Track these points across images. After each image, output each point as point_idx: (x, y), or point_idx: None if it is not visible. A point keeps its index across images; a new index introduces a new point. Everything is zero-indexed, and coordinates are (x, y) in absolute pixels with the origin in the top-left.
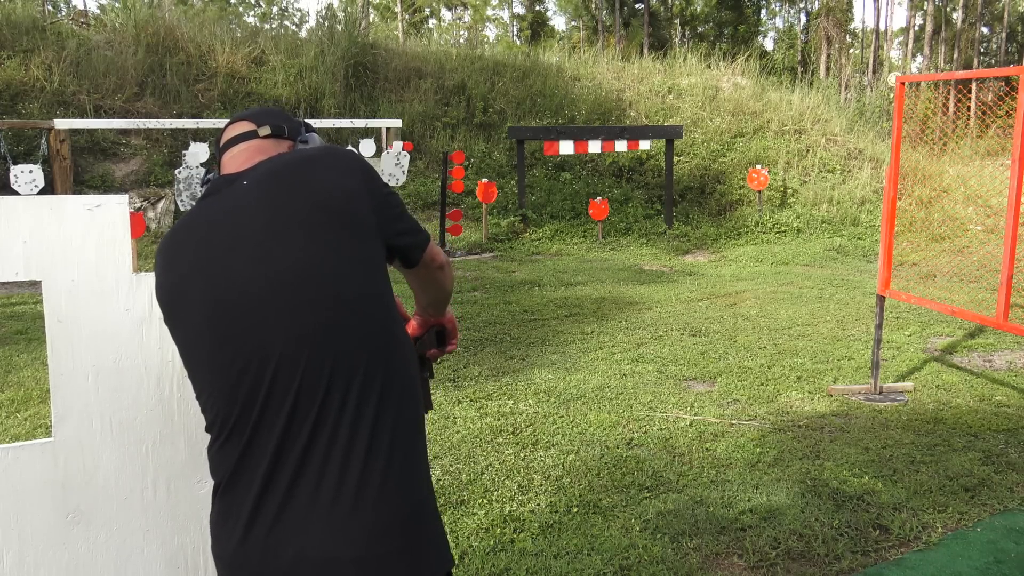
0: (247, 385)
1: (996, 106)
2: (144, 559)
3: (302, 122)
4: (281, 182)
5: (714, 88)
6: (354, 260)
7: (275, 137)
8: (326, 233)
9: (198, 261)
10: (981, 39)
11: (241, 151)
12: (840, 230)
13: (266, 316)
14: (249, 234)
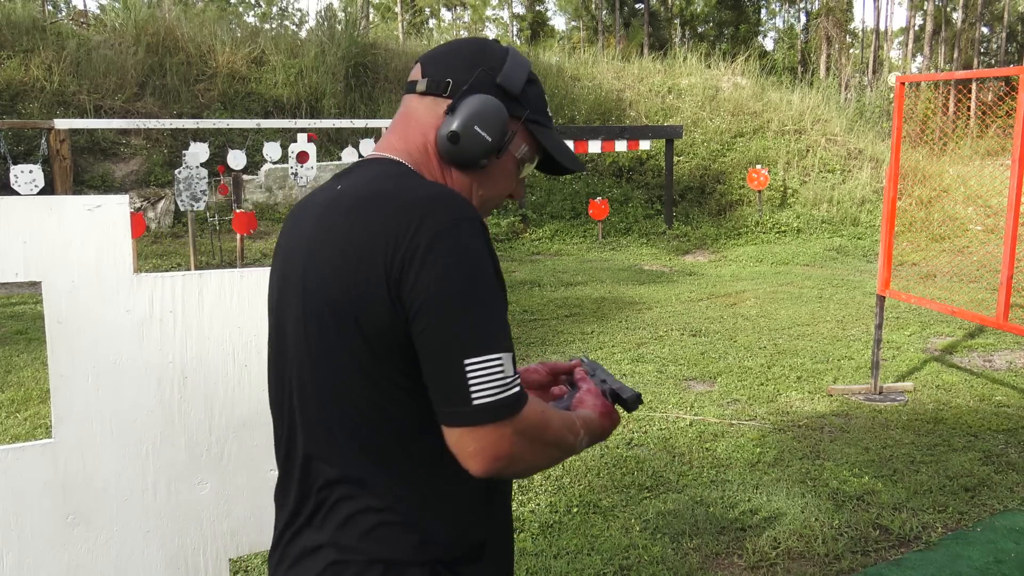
0: (285, 395)
1: (996, 106)
2: (144, 560)
3: (481, 69)
4: (347, 220)
5: (714, 88)
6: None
7: (432, 95)
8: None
9: (282, 240)
10: (981, 39)
11: (397, 115)
12: (840, 230)
13: (296, 340)
14: (306, 253)
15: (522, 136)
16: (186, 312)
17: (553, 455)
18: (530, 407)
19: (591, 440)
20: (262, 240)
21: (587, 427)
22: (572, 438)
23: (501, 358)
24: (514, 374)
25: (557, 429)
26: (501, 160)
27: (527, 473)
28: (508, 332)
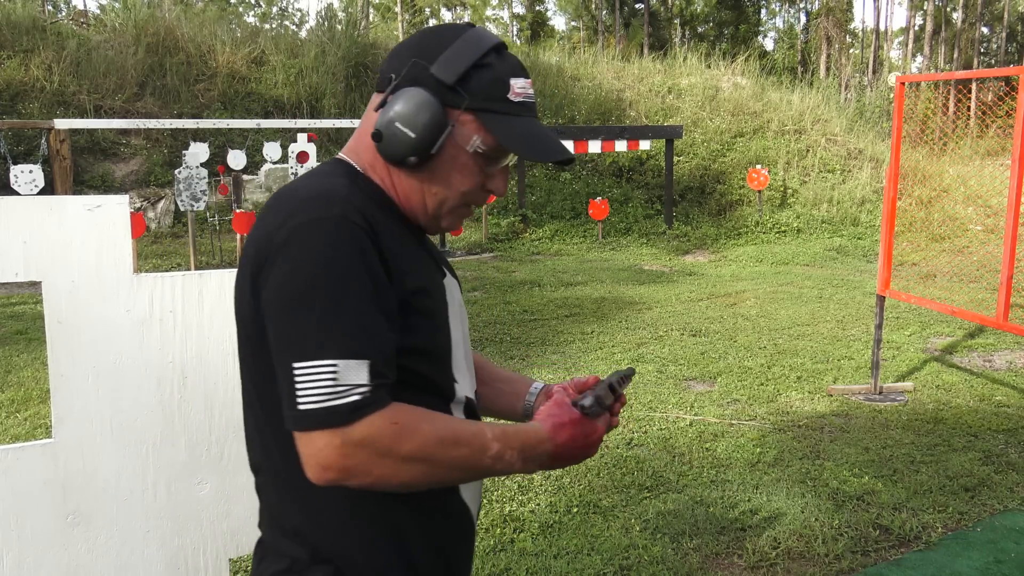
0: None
1: (996, 106)
2: (144, 560)
3: (414, 60)
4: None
5: (714, 88)
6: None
7: (379, 92)
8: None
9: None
10: (981, 39)
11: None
12: (840, 230)
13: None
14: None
15: (474, 127)
16: (186, 312)
17: (422, 471)
18: (379, 417)
19: (531, 459)
20: None
21: (519, 444)
22: (467, 454)
23: (336, 365)
24: (357, 384)
25: (426, 444)
26: (447, 155)
27: (387, 488)
28: (362, 338)
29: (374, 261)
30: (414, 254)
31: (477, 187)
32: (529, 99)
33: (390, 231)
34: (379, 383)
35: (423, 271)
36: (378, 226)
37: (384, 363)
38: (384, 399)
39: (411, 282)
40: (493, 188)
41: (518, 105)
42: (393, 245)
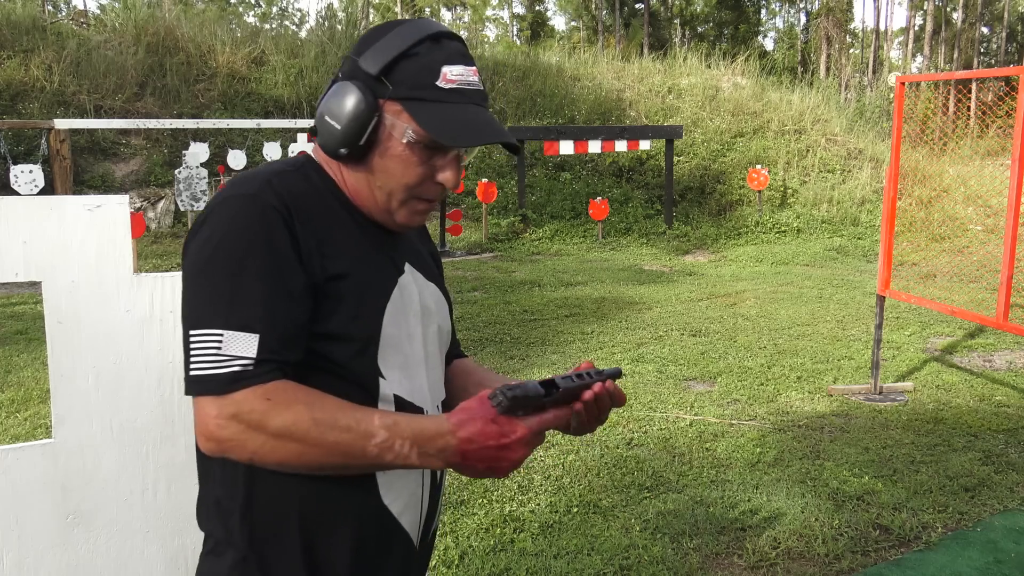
0: None
1: (996, 106)
2: (144, 560)
3: (349, 56)
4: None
5: (714, 88)
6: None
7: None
8: None
9: None
10: (981, 39)
11: None
12: (840, 230)
13: None
14: None
15: (404, 116)
16: None
17: (295, 451)
18: (253, 391)
19: (430, 453)
20: None
21: (412, 434)
22: (348, 439)
23: (221, 335)
24: (241, 355)
25: (298, 422)
26: (383, 146)
27: (266, 465)
28: (254, 312)
29: (282, 240)
30: (347, 243)
31: (422, 179)
32: (467, 86)
33: (324, 219)
34: (267, 358)
35: (352, 260)
36: (304, 211)
37: (277, 340)
38: (267, 374)
39: (330, 267)
40: (442, 180)
41: (449, 92)
42: (320, 231)
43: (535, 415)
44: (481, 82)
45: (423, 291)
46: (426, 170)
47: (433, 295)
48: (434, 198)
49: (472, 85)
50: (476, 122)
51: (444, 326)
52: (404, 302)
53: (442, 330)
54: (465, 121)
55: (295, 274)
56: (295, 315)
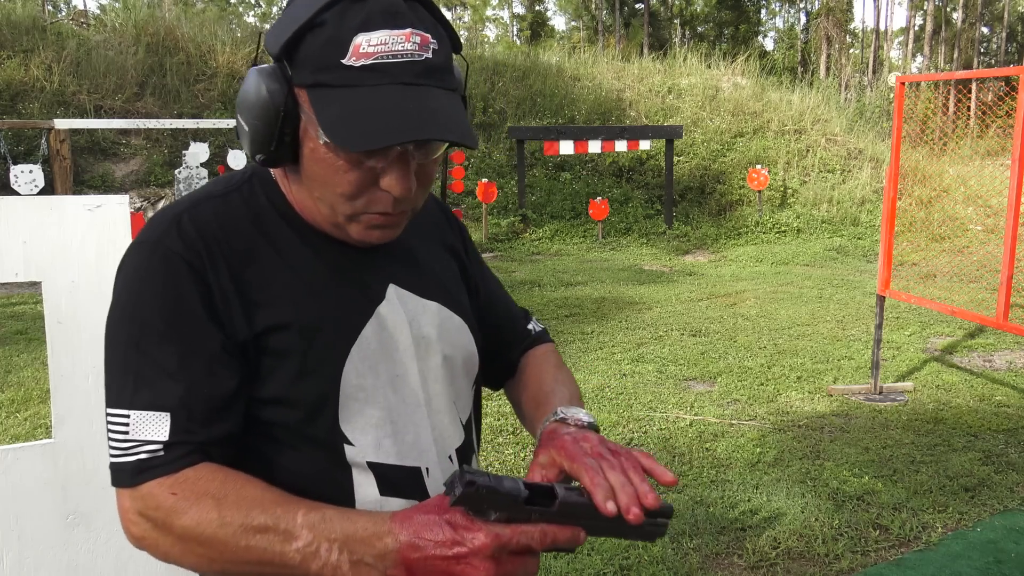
0: None
1: (996, 106)
2: (144, 560)
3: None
4: None
5: (714, 88)
6: None
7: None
8: None
9: None
10: (981, 39)
11: None
12: (840, 230)
13: None
14: None
15: (312, 111)
16: None
17: (205, 556)
18: (160, 483)
19: (363, 563)
20: None
21: (343, 535)
22: (263, 544)
23: (128, 416)
24: (149, 440)
25: (203, 522)
26: (306, 148)
27: (185, 565)
28: (161, 386)
29: (189, 296)
30: (291, 280)
31: (360, 187)
32: (389, 58)
33: (258, 254)
34: (180, 441)
35: (297, 302)
36: (224, 251)
37: (192, 417)
38: (177, 461)
39: (260, 319)
40: (386, 187)
41: (360, 71)
42: (249, 273)
43: (514, 523)
44: (427, 47)
45: (417, 316)
46: (362, 175)
47: (434, 317)
48: (389, 210)
49: (400, 55)
50: (390, 111)
51: (456, 352)
52: (384, 339)
53: (452, 359)
54: (373, 111)
55: (209, 335)
56: (215, 384)
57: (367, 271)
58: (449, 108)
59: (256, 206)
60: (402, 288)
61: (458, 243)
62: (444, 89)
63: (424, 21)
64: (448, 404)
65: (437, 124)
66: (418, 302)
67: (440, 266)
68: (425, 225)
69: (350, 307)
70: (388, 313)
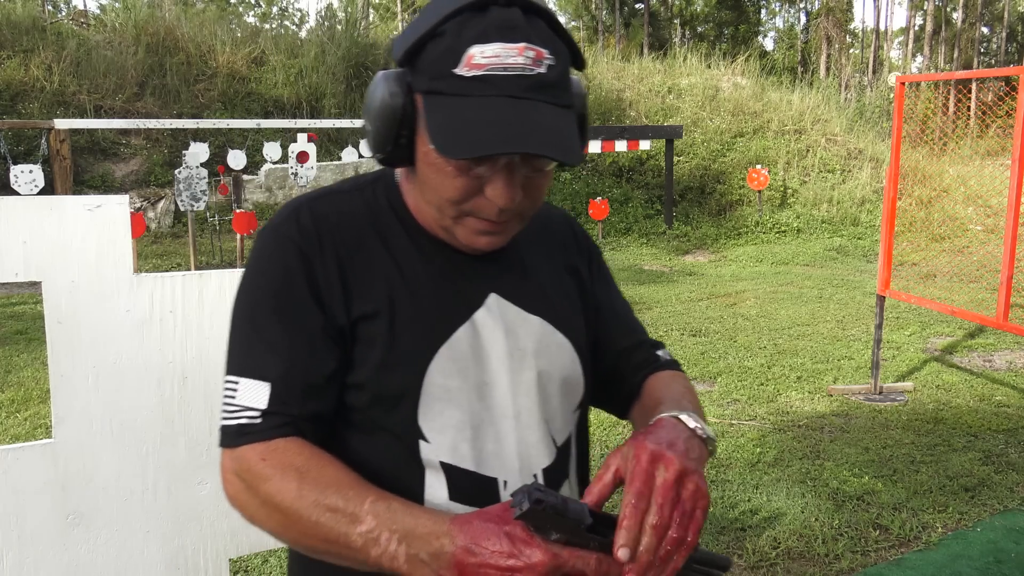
0: None
1: (996, 106)
2: (144, 560)
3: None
4: None
5: (714, 88)
6: None
7: None
8: None
9: None
10: (981, 39)
11: None
12: (840, 230)
13: None
14: None
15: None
16: (186, 312)
17: (280, 523)
18: (254, 448)
19: (418, 559)
20: None
21: (403, 529)
22: (330, 521)
23: (237, 383)
24: (251, 407)
25: (284, 491)
26: (420, 152)
27: (265, 531)
28: (266, 358)
29: (298, 278)
30: (393, 276)
31: (466, 193)
32: (500, 70)
33: (366, 248)
34: (275, 411)
35: (391, 296)
36: (336, 241)
37: (289, 391)
38: (271, 430)
39: (357, 307)
40: (490, 196)
41: (471, 81)
42: (355, 264)
43: (573, 547)
44: (540, 62)
45: (515, 328)
46: (469, 182)
47: (534, 331)
48: (493, 218)
49: (512, 69)
50: (491, 123)
51: (554, 370)
52: (476, 345)
53: (547, 375)
54: (476, 122)
55: (313, 317)
56: (315, 363)
57: (470, 277)
58: (554, 123)
59: (375, 205)
60: (504, 298)
61: (583, 264)
62: (554, 105)
63: (542, 36)
64: (538, 420)
65: (536, 138)
66: (519, 314)
67: (553, 283)
68: (547, 241)
69: (446, 308)
70: (484, 320)
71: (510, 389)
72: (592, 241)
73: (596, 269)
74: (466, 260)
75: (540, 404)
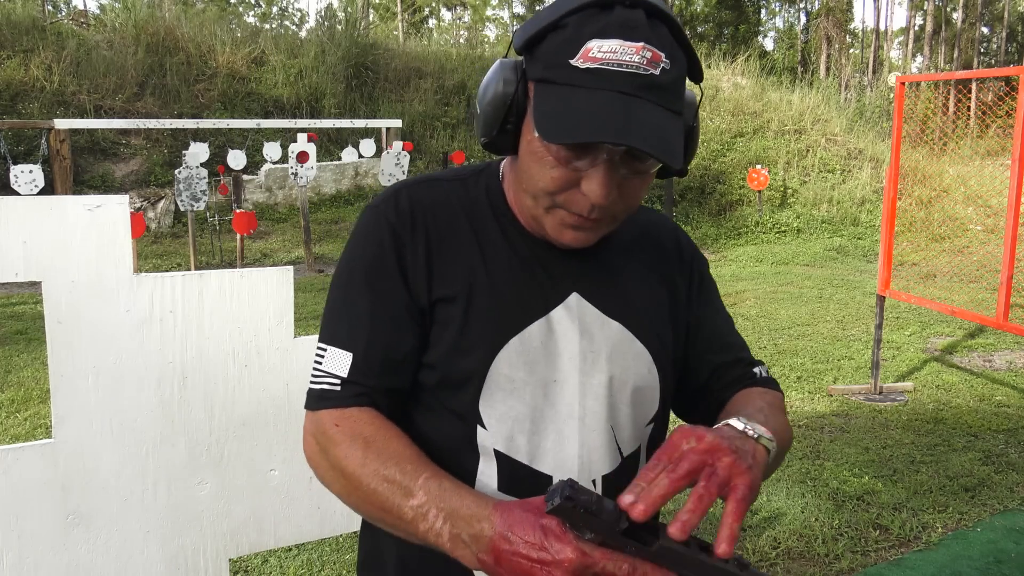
0: None
1: (996, 106)
2: (144, 560)
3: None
4: None
5: (714, 88)
6: None
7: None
8: None
9: None
10: (981, 39)
11: None
12: (840, 230)
13: None
14: None
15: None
16: (186, 312)
17: (344, 488)
18: (331, 413)
19: (461, 538)
20: (262, 240)
21: (449, 508)
22: (387, 492)
23: (325, 350)
24: (334, 373)
25: (351, 457)
26: (524, 140)
27: (332, 491)
28: (352, 330)
29: (389, 257)
30: (477, 264)
31: (562, 185)
32: (614, 66)
33: (457, 235)
34: (354, 381)
35: (472, 282)
36: (430, 225)
37: (369, 363)
38: (349, 398)
39: (437, 289)
40: (585, 191)
41: (585, 73)
42: (443, 248)
43: (608, 548)
44: (656, 64)
45: (592, 330)
46: (567, 174)
47: (611, 336)
48: (584, 213)
49: (626, 66)
50: (595, 113)
51: (628, 377)
52: (549, 342)
53: (619, 382)
54: (581, 111)
55: (398, 294)
56: (395, 339)
57: (555, 274)
58: (659, 123)
59: (474, 195)
60: (585, 299)
61: (683, 277)
62: (663, 108)
63: (662, 40)
64: (604, 426)
65: (638, 134)
66: (598, 317)
67: (642, 291)
68: (646, 248)
69: (524, 302)
70: (561, 319)
71: (578, 390)
72: (699, 255)
73: (698, 284)
74: (554, 257)
75: (608, 409)
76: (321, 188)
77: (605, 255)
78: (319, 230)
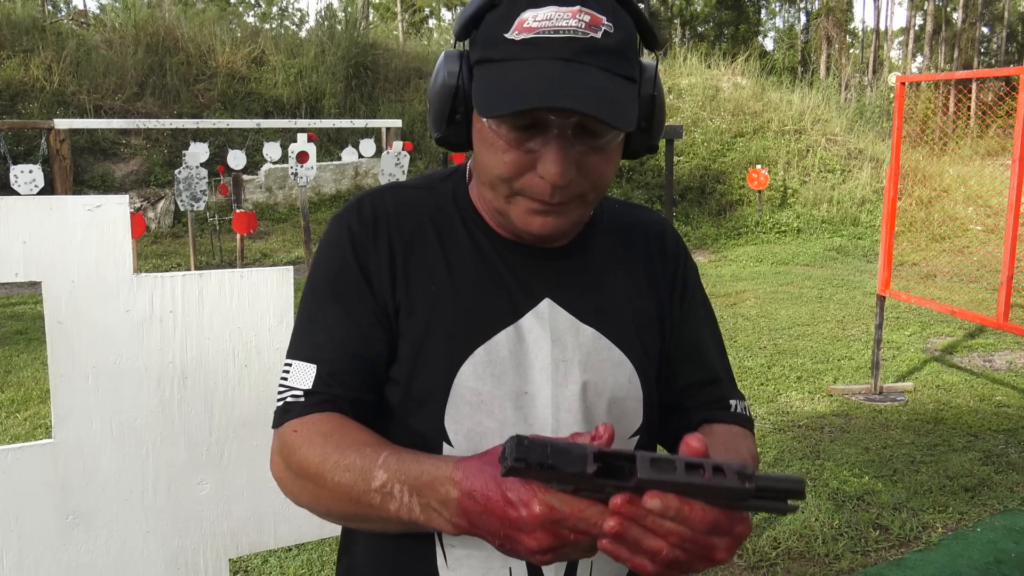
0: None
1: (996, 106)
2: (144, 560)
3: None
4: None
5: (714, 88)
6: None
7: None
8: None
9: None
10: (981, 39)
11: None
12: (840, 230)
13: None
14: None
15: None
16: (186, 312)
17: (312, 493)
18: (290, 424)
19: (432, 507)
20: (262, 240)
21: (411, 479)
22: (349, 480)
23: (290, 365)
24: (298, 387)
25: (310, 458)
26: (475, 129)
27: (304, 505)
28: (316, 342)
29: (351, 264)
30: (439, 271)
31: (518, 169)
32: (550, 33)
33: (422, 241)
34: (319, 391)
35: (432, 291)
36: (393, 232)
37: (332, 372)
38: (310, 407)
39: (401, 299)
40: (541, 172)
41: (520, 45)
42: (407, 255)
43: (581, 494)
44: (596, 27)
45: (564, 337)
46: (520, 157)
47: (585, 343)
48: (546, 198)
49: (563, 31)
50: (533, 81)
51: (604, 386)
52: (519, 352)
53: (593, 391)
54: (519, 81)
55: (365, 301)
56: (361, 347)
57: (525, 280)
58: (603, 86)
59: (441, 201)
60: (558, 305)
61: (667, 278)
62: (610, 72)
63: (602, 2)
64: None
65: (574, 97)
66: (571, 323)
67: (624, 295)
68: (630, 248)
69: (491, 310)
70: (531, 327)
71: (551, 402)
72: (686, 255)
73: (680, 289)
74: (526, 262)
75: (584, 421)
76: (321, 188)
77: (584, 257)
78: (319, 230)
